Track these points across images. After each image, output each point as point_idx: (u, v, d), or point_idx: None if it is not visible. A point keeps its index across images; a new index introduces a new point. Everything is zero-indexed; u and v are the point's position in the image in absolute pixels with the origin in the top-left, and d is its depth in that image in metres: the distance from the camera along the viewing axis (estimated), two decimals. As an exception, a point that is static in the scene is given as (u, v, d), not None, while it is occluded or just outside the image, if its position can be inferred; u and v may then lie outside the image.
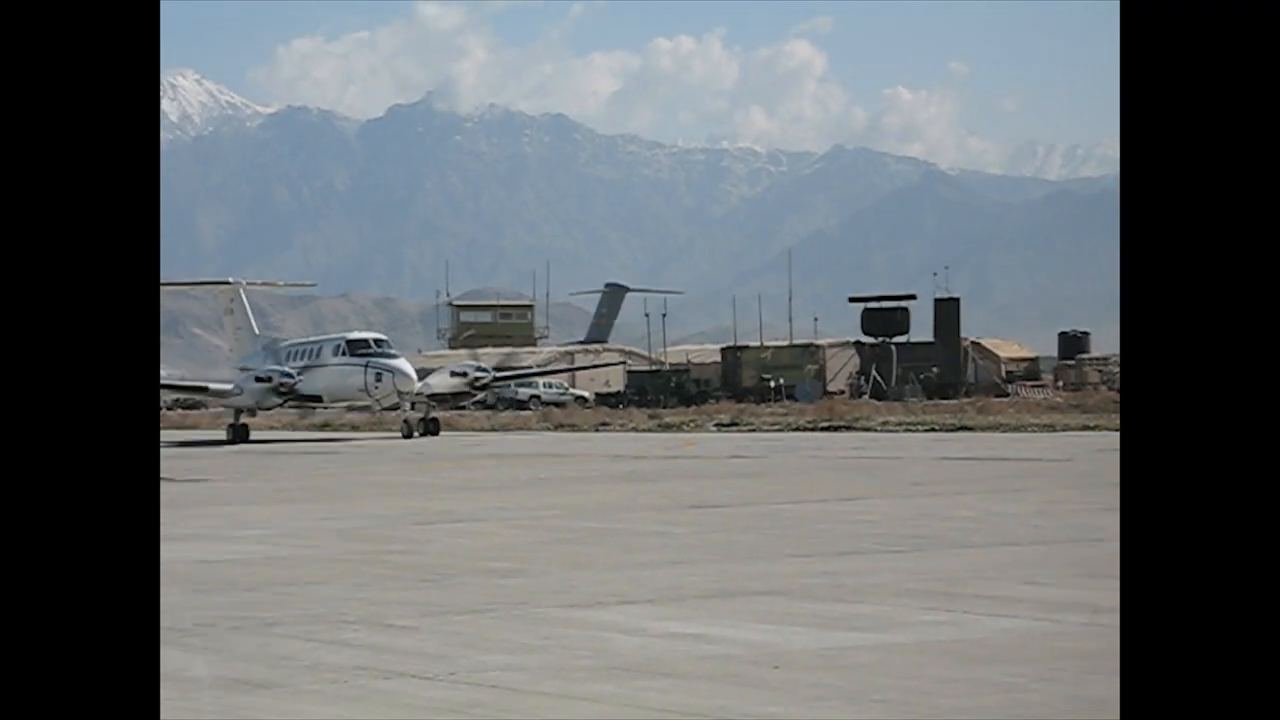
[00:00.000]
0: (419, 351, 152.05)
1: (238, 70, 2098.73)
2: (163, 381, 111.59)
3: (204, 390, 78.85)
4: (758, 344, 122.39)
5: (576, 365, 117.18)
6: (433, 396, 73.24)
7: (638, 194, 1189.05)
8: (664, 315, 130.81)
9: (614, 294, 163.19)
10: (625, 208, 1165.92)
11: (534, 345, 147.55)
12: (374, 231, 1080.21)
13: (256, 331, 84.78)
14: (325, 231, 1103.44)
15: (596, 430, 71.50)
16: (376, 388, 69.95)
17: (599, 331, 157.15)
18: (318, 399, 73.01)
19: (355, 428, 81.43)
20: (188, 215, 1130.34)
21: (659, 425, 72.11)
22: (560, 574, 19.11)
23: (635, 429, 71.72)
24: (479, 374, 76.11)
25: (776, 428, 67.62)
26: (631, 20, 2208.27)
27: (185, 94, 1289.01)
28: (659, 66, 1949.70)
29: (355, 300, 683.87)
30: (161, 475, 42.77)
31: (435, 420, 71.55)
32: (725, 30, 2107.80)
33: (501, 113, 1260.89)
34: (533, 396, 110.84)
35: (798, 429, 65.95)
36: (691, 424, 71.57)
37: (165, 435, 78.14)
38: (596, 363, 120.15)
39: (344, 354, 70.97)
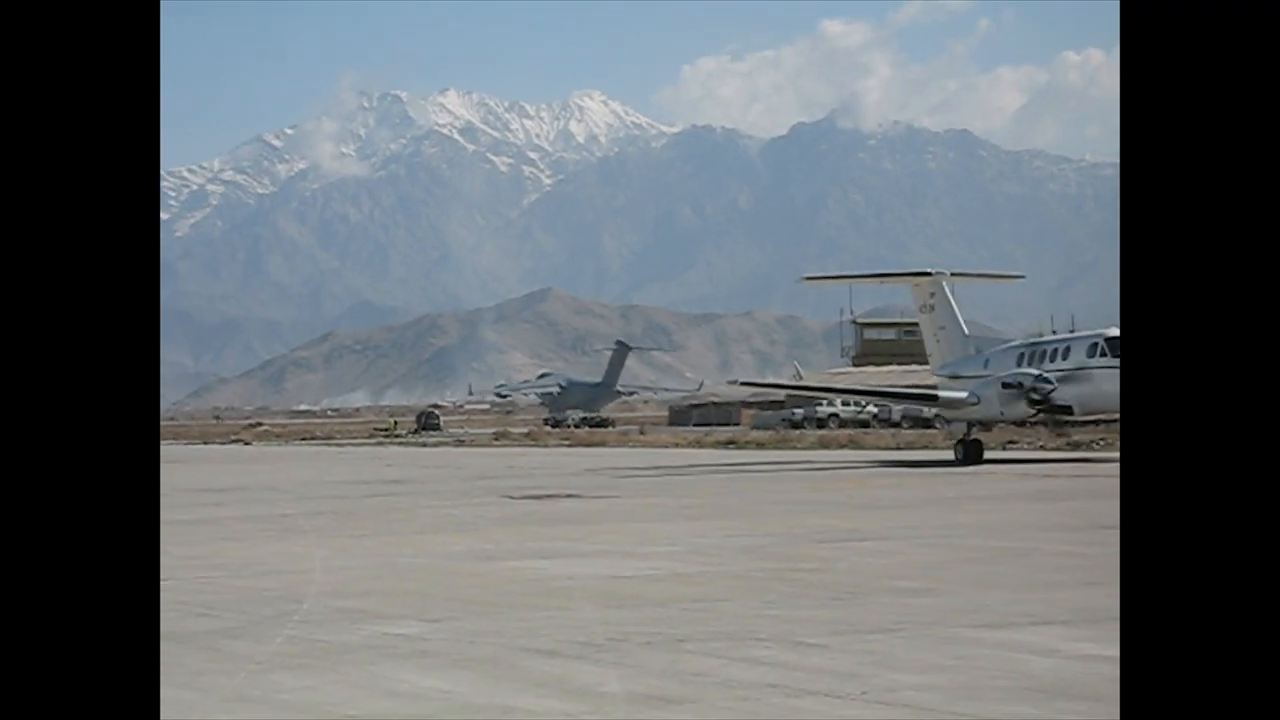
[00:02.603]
0: (826, 371, 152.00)
1: (644, 91, 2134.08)
2: (888, 389, 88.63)
3: (933, 399, 66.93)
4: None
5: None
6: None
7: (1044, 210, 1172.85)
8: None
9: (620, 351, 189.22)
10: (1031, 224, 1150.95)
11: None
12: (777, 249, 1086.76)
13: (966, 331, 70.90)
14: (729, 250, 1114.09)
15: (1004, 448, 70.51)
16: None
17: (611, 376, 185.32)
18: (1067, 409, 60.64)
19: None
20: (594, 235, 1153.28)
21: (1067, 444, 70.63)
22: (970, 594, 18.91)
23: (1043, 447, 70.47)
24: None
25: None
26: (1039, 34, 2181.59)
27: (592, 115, 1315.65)
28: (1067, 80, 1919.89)
29: (758, 318, 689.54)
30: (572, 492, 43.30)
31: None
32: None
33: (905, 129, 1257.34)
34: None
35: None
36: (1102, 442, 70.07)
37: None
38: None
39: (1103, 354, 58.77)
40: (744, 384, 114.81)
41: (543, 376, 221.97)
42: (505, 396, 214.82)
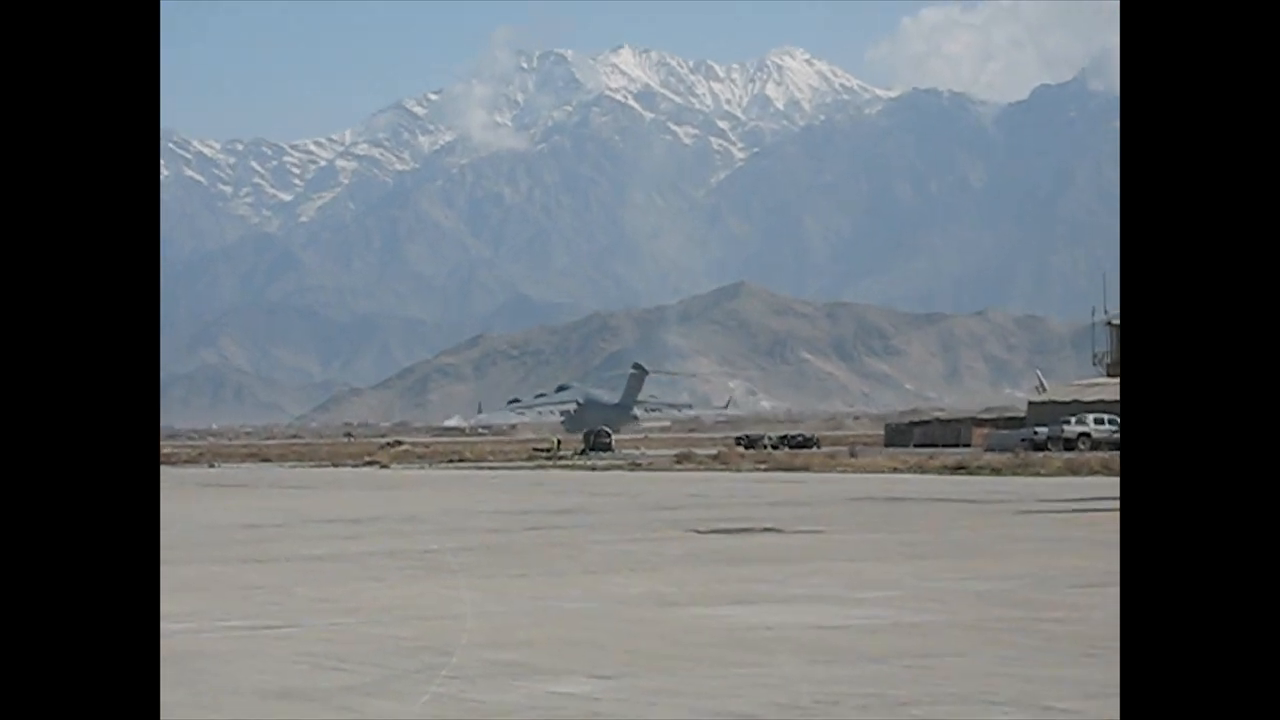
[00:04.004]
0: (1071, 382, 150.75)
1: (855, 48, 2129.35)
2: None
3: None
4: None
5: None
6: None
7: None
8: None
9: (638, 375, 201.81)
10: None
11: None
12: (1016, 236, 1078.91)
13: None
14: (957, 236, 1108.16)
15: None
16: None
17: (629, 398, 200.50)
18: None
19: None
20: (794, 218, 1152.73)
21: None
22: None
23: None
24: None
25: None
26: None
27: (793, 77, 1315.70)
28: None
29: (993, 318, 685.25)
30: (770, 526, 43.30)
31: None
32: None
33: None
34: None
35: None
36: None
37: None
38: None
39: None
40: None
41: (561, 390, 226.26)
42: (521, 413, 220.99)
